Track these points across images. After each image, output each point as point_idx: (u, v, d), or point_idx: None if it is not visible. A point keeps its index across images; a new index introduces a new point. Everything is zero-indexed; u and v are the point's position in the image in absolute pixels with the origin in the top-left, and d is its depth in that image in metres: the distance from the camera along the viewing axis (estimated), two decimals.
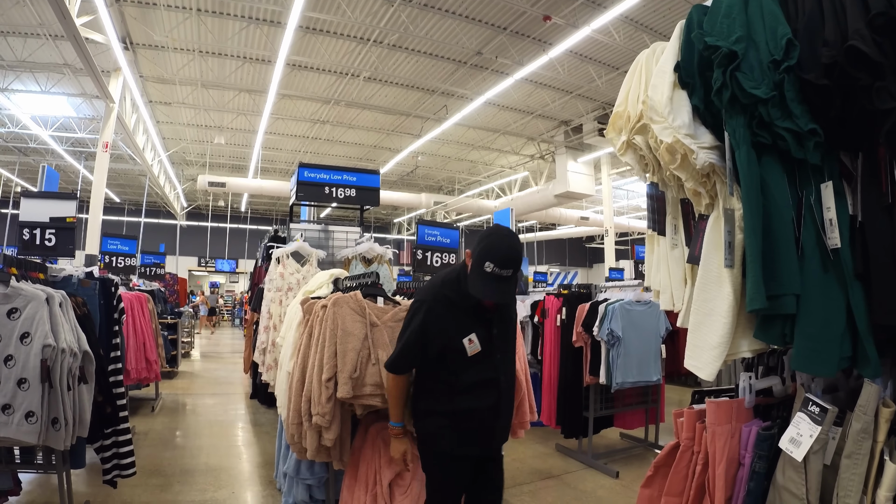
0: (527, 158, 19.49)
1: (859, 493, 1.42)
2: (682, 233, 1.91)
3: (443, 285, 2.54)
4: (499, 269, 2.26)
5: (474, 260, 2.34)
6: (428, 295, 2.53)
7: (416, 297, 2.62)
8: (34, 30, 10.97)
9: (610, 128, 1.95)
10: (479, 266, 2.29)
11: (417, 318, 2.48)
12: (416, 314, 2.50)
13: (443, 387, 2.56)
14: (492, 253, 2.29)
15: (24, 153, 19.54)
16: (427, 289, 2.62)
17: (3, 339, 2.86)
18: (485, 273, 2.27)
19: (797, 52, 1.44)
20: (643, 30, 10.72)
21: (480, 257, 2.30)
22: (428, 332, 2.47)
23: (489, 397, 2.56)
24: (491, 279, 2.28)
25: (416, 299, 2.58)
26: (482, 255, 2.30)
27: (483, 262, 2.27)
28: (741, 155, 1.49)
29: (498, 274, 2.27)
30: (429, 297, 2.51)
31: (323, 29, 11.24)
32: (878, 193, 1.42)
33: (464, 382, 2.51)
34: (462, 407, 2.53)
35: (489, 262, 2.26)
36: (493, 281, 2.28)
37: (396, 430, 2.69)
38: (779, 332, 1.50)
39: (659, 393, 6.07)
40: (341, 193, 5.81)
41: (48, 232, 4.54)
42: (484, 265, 2.27)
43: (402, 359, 2.56)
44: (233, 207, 29.73)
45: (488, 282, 2.28)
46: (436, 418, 2.57)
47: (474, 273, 2.32)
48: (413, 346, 2.50)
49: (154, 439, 6.08)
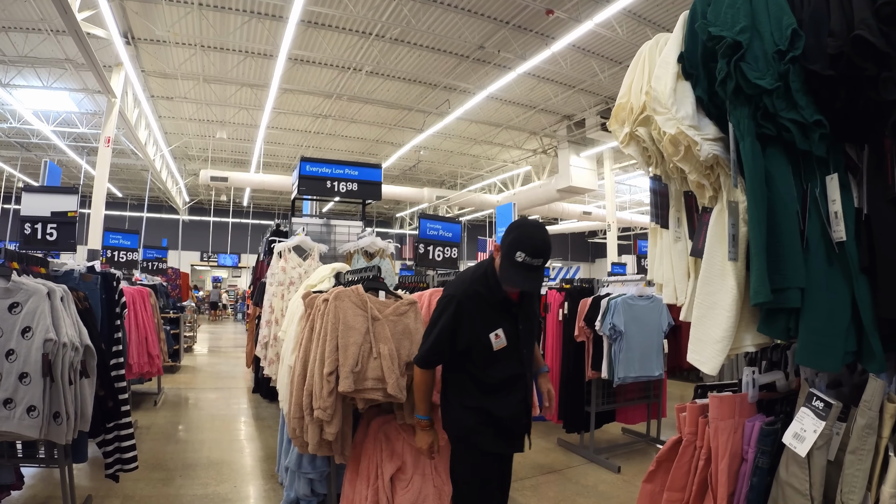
0: (529, 153, 19.46)
1: (863, 490, 1.41)
2: (685, 226, 1.89)
3: (472, 281, 2.55)
4: (530, 258, 2.31)
5: (505, 251, 2.37)
6: (458, 290, 2.53)
7: (446, 292, 2.60)
8: (36, 25, 10.96)
9: (613, 119, 1.93)
10: (511, 256, 2.33)
11: (448, 313, 2.48)
12: (447, 309, 2.49)
13: (470, 383, 2.58)
14: (523, 243, 2.32)
15: (26, 148, 19.57)
16: (456, 284, 2.62)
17: (5, 333, 2.86)
18: (516, 263, 2.32)
19: (802, 42, 1.42)
20: (646, 24, 10.67)
21: (511, 248, 2.33)
22: (458, 327, 2.47)
23: (517, 392, 2.59)
24: (521, 269, 2.32)
25: (446, 294, 2.57)
26: (513, 245, 2.33)
27: (514, 252, 2.31)
28: (745, 146, 1.47)
29: (529, 263, 2.31)
30: (459, 292, 2.51)
31: (325, 23, 11.20)
32: (884, 186, 1.39)
33: (491, 378, 2.53)
34: (492, 403, 2.54)
35: (521, 252, 2.30)
36: (524, 270, 2.32)
37: (423, 422, 2.71)
38: (783, 326, 1.49)
39: (661, 388, 6.06)
40: (343, 188, 5.79)
41: (49, 226, 4.53)
42: (515, 255, 2.31)
43: (433, 354, 2.57)
44: (235, 202, 29.75)
45: (519, 271, 2.33)
46: (467, 415, 2.57)
47: (506, 263, 2.36)
48: (444, 340, 2.50)
49: (156, 433, 6.09)
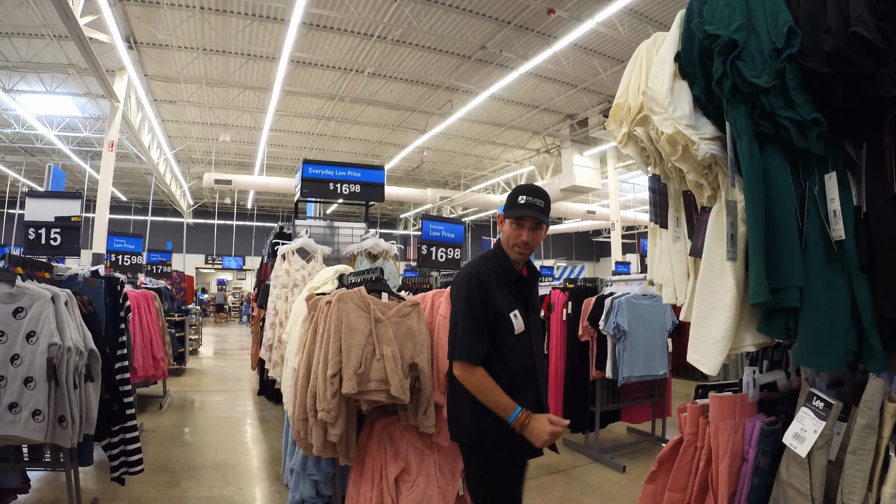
0: (532, 152, 19.45)
1: (864, 490, 1.40)
2: (684, 225, 1.89)
3: (484, 261, 2.53)
4: (532, 198, 2.41)
5: (508, 203, 2.47)
6: (473, 269, 2.47)
7: (460, 274, 2.53)
8: (38, 30, 11.02)
9: (611, 119, 1.93)
10: (514, 202, 2.43)
11: (473, 289, 2.38)
12: (470, 286, 2.39)
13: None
14: (523, 189, 2.45)
15: (30, 153, 19.65)
16: (469, 266, 2.54)
17: (10, 338, 2.88)
18: (520, 203, 2.41)
19: (799, 39, 1.42)
20: (648, 22, 10.66)
21: (513, 196, 2.45)
22: (487, 303, 2.37)
23: (531, 388, 2.47)
24: (526, 206, 2.40)
25: (463, 275, 2.47)
26: (514, 194, 2.45)
27: (517, 197, 2.43)
28: (743, 145, 1.46)
29: (532, 202, 2.40)
30: (474, 270, 2.45)
31: (327, 25, 11.22)
32: (883, 184, 1.39)
33: (510, 369, 2.38)
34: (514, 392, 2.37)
35: (521, 196, 2.42)
36: (529, 207, 2.40)
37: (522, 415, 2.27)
38: (782, 326, 1.48)
39: (665, 387, 6.05)
40: (346, 189, 5.80)
41: (53, 231, 4.56)
42: (518, 199, 2.42)
43: (477, 339, 2.34)
44: (239, 205, 29.83)
45: (525, 207, 2.40)
46: (482, 418, 2.34)
47: (511, 209, 2.43)
48: (481, 320, 2.35)
49: (162, 436, 6.11)
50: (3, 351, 2.85)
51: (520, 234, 2.42)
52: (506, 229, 2.47)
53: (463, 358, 2.34)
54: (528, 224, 2.41)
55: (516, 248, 2.44)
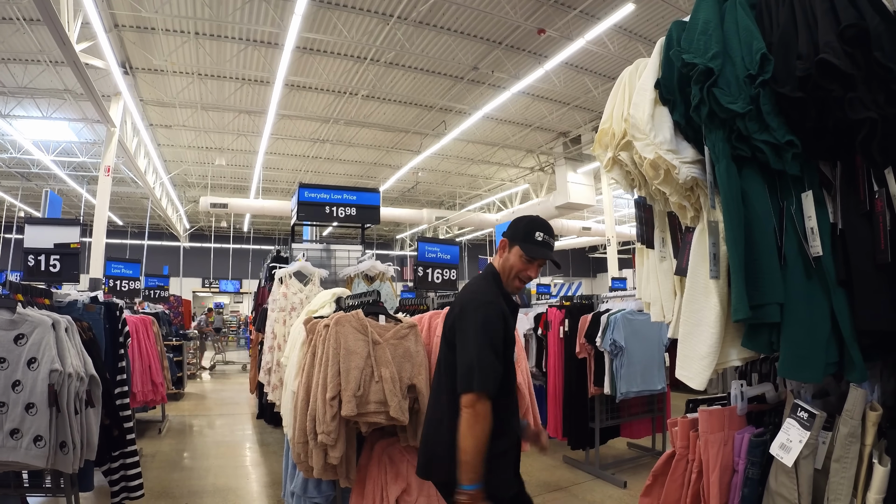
0: (526, 171, 19.57)
1: (849, 496, 1.44)
2: (669, 245, 1.95)
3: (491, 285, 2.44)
4: (548, 237, 2.45)
5: (522, 235, 2.44)
6: (489, 295, 2.35)
7: (475, 297, 2.35)
8: (34, 56, 11.12)
9: (596, 144, 1.99)
10: (531, 237, 2.42)
11: (493, 318, 2.27)
12: (489, 315, 2.27)
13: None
14: (539, 226, 2.46)
15: (26, 178, 19.68)
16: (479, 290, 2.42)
17: (11, 364, 2.90)
18: (538, 241, 2.42)
19: (772, 65, 1.48)
20: (637, 39, 10.83)
21: (529, 231, 2.43)
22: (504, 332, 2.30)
23: (515, 416, 2.47)
24: (543, 245, 2.42)
25: (477, 300, 2.33)
26: (530, 228, 2.44)
27: (533, 233, 2.43)
28: (721, 168, 1.52)
29: (548, 241, 2.44)
30: (491, 297, 2.35)
31: (320, 49, 11.37)
32: (857, 201, 1.45)
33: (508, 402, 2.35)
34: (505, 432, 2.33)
35: (539, 233, 2.43)
36: (545, 246, 2.43)
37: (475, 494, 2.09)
38: (766, 341, 1.53)
39: (664, 401, 6.07)
40: (342, 213, 5.85)
41: (52, 258, 4.58)
42: (535, 235, 2.42)
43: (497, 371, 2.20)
44: (235, 228, 29.81)
45: (542, 247, 2.42)
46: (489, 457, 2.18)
47: (528, 244, 2.41)
48: (501, 351, 2.25)
49: (161, 461, 6.10)
50: (4, 377, 2.88)
51: (529, 270, 2.44)
52: (512, 259, 2.42)
53: (485, 390, 2.14)
54: (540, 263, 2.45)
55: (518, 280, 2.45)
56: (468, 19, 10.34)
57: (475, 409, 2.12)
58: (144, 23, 10.20)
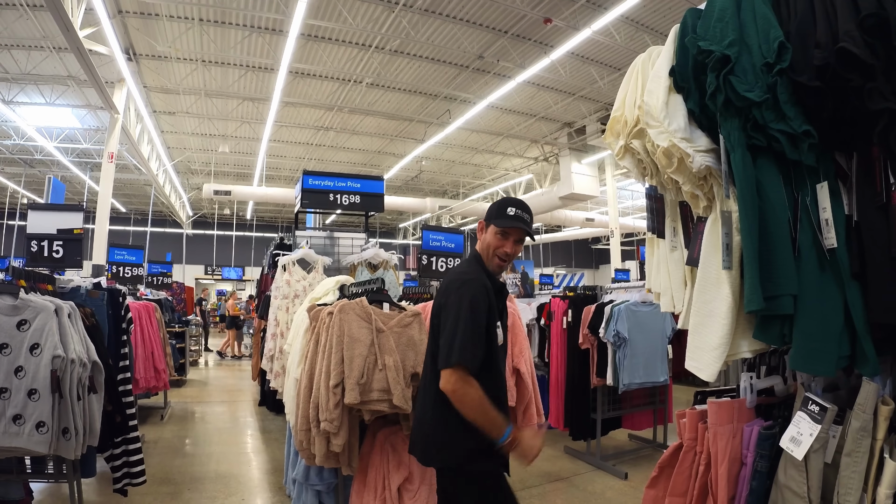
0: (531, 161, 19.51)
1: (860, 491, 1.43)
2: (681, 235, 1.93)
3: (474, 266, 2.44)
4: (521, 212, 2.41)
5: (495, 213, 2.43)
6: (473, 273, 2.37)
7: (456, 277, 2.38)
8: (38, 42, 11.07)
9: (608, 132, 1.97)
10: (503, 213, 2.41)
11: (477, 295, 2.26)
12: (473, 292, 2.26)
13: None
14: (510, 202, 2.44)
15: (29, 165, 19.67)
16: (464, 270, 2.46)
17: (14, 350, 2.90)
18: (509, 215, 2.40)
19: (789, 54, 1.46)
20: (644, 30, 10.74)
21: (501, 208, 2.44)
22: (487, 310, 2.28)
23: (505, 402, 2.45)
24: (515, 218, 2.39)
25: (458, 279, 2.35)
26: (502, 206, 2.44)
27: (505, 209, 2.41)
28: (736, 157, 1.50)
29: (521, 216, 2.40)
30: (476, 275, 2.35)
31: (325, 36, 11.29)
32: (873, 193, 1.43)
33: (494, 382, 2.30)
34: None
35: (511, 207, 2.41)
36: (517, 219, 2.39)
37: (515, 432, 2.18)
38: (778, 333, 1.52)
39: (667, 393, 6.07)
40: (346, 200, 5.84)
41: (55, 244, 4.58)
42: (507, 210, 2.41)
43: (475, 345, 2.19)
44: (238, 215, 29.83)
45: (514, 220, 2.39)
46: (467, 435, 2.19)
47: (500, 219, 2.40)
48: (481, 325, 2.23)
49: (164, 447, 6.12)
50: (7, 363, 2.88)
51: (504, 245, 2.40)
52: (488, 238, 2.43)
53: (464, 363, 2.13)
54: (514, 236, 2.41)
55: (497, 258, 2.42)
56: (474, 7, 10.25)
57: (458, 385, 2.14)
58: (148, 9, 10.13)
